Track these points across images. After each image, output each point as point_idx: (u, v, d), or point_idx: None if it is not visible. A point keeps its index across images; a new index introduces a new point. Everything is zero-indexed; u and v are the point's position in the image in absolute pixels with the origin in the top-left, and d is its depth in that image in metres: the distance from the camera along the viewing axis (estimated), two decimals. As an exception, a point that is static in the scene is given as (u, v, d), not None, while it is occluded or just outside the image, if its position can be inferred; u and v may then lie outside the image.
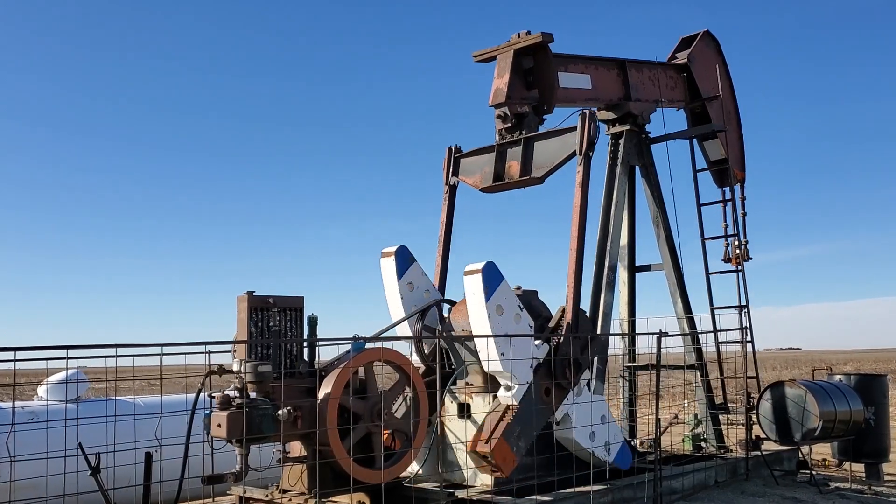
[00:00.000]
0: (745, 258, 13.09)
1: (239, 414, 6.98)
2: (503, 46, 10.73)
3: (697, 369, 12.35)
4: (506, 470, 8.49)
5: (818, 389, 11.71)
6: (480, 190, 10.96)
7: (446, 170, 11.31)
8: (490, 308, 8.50)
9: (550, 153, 10.15)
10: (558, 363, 9.05)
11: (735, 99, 14.17)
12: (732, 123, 14.00)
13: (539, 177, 10.24)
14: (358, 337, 7.83)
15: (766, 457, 11.84)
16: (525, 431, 8.70)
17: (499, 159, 10.64)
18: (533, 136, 10.38)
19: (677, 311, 12.58)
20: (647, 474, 9.68)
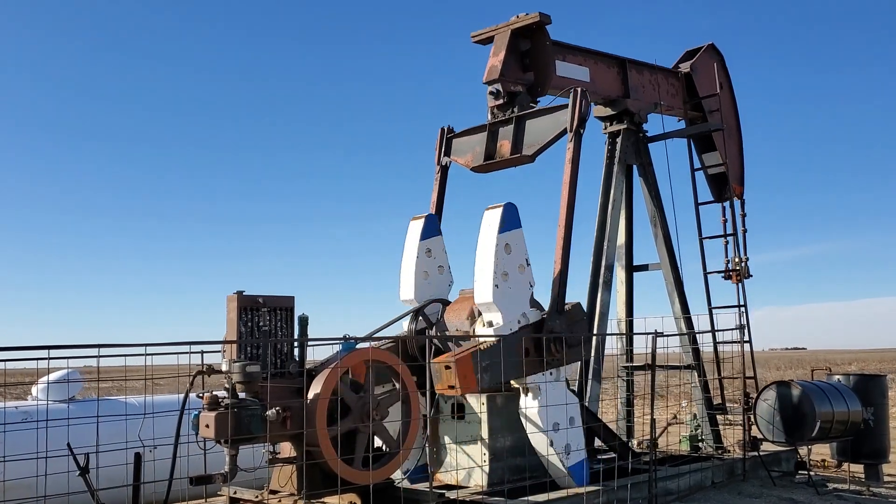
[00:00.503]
0: (746, 275, 12.91)
1: (227, 414, 6.94)
2: (501, 27, 10.72)
3: (695, 369, 12.27)
4: (463, 387, 8.27)
5: (815, 390, 11.64)
6: (472, 169, 10.94)
7: (438, 150, 11.28)
8: (500, 242, 8.69)
9: (541, 131, 10.12)
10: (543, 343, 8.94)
11: (737, 114, 14.10)
12: (734, 138, 13.91)
13: (530, 155, 10.21)
14: (348, 337, 7.78)
15: (765, 458, 11.78)
16: (492, 368, 8.47)
17: (490, 139, 10.62)
18: (524, 114, 10.35)
19: (675, 310, 12.50)
20: (641, 475, 9.63)
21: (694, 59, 13.37)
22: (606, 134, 12.51)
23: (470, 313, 9.62)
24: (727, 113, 13.79)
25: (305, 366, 7.98)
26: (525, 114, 10.35)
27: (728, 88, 13.97)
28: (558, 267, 9.47)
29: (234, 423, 6.94)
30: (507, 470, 9.35)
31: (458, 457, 9.52)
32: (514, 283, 8.91)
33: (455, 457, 9.55)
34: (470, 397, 9.41)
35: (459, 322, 9.71)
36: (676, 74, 13.20)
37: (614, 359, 13.16)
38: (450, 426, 9.65)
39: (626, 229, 13.09)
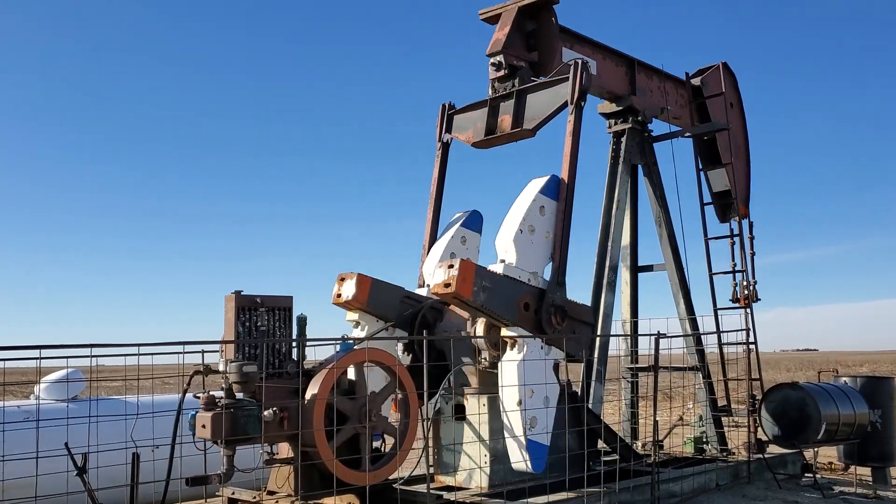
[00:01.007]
0: (754, 299, 12.70)
1: (224, 415, 6.90)
2: (508, 4, 10.68)
3: (699, 371, 12.18)
4: (458, 288, 8.21)
5: (821, 392, 11.52)
6: (472, 145, 10.86)
7: (439, 127, 11.21)
8: (538, 200, 9.03)
9: (542, 105, 10.05)
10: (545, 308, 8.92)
11: (746, 135, 14.00)
12: (741, 158, 13.81)
13: (531, 129, 10.14)
14: (346, 337, 7.74)
15: (771, 460, 11.67)
16: (492, 291, 8.48)
17: (491, 114, 10.54)
18: (525, 88, 10.27)
19: (679, 311, 12.42)
20: (644, 477, 9.55)
21: (705, 74, 13.27)
22: (611, 133, 12.43)
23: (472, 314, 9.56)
24: (736, 132, 13.68)
25: (304, 366, 7.96)
26: (525, 88, 10.27)
27: (739, 108, 13.88)
28: (559, 240, 9.39)
29: (231, 423, 6.90)
30: (509, 472, 9.29)
31: (460, 458, 9.47)
32: (537, 242, 9.08)
33: (456, 458, 9.50)
34: (471, 398, 9.36)
35: (461, 322, 9.65)
36: (686, 86, 13.08)
37: (618, 360, 13.09)
38: (450, 427, 9.60)
39: (631, 230, 13.02)
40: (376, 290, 9.31)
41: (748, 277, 12.69)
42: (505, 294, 8.68)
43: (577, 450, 9.42)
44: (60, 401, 10.90)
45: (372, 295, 9.26)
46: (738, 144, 13.62)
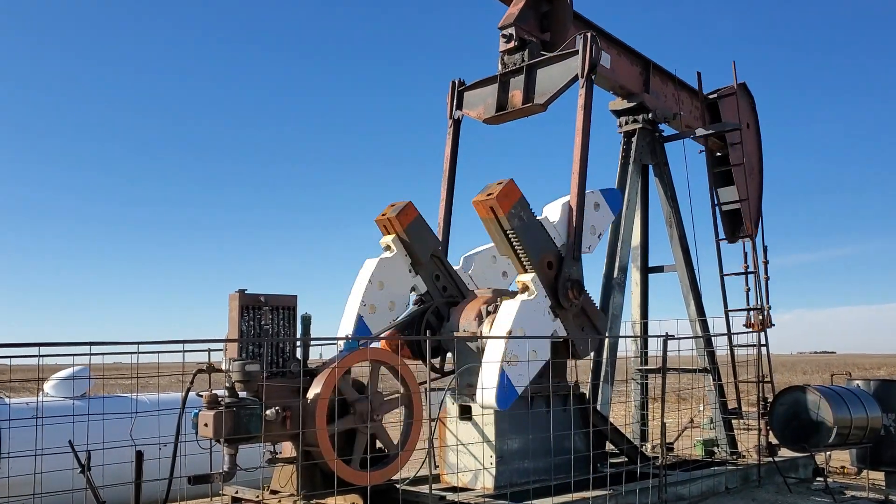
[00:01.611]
0: (768, 325, 12.54)
1: (226, 413, 6.89)
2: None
3: (710, 373, 12.07)
4: (499, 201, 8.60)
5: (833, 395, 11.38)
6: (484, 121, 10.84)
7: (450, 104, 11.18)
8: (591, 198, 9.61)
9: (552, 79, 10.02)
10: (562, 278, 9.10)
11: (761, 157, 13.89)
12: (755, 180, 13.70)
13: (542, 103, 10.13)
14: (350, 337, 7.71)
15: (782, 464, 11.55)
16: (526, 225, 8.89)
17: (501, 89, 10.53)
18: (535, 62, 10.23)
19: (690, 313, 12.31)
20: (652, 479, 9.46)
21: (722, 90, 13.15)
22: (621, 133, 12.33)
23: (478, 314, 9.52)
24: (751, 153, 13.58)
25: (307, 365, 7.93)
26: (535, 62, 10.23)
27: (755, 130, 13.81)
28: (574, 214, 9.45)
29: (233, 422, 6.89)
30: (515, 473, 9.24)
31: (466, 459, 9.42)
32: (588, 222, 9.58)
33: (462, 458, 9.46)
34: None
35: (467, 323, 9.60)
36: (702, 97, 12.95)
37: (629, 361, 13.00)
38: (456, 427, 9.55)
39: (642, 230, 12.92)
40: (418, 224, 9.80)
41: (762, 303, 12.49)
42: (535, 238, 8.98)
43: (583, 451, 9.37)
44: (68, 398, 10.95)
45: (412, 226, 9.73)
46: (751, 165, 13.50)
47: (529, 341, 8.69)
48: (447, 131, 11.17)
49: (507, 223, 8.69)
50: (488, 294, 9.79)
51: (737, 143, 12.89)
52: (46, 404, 10.42)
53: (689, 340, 12.00)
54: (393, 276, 9.74)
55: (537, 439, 9.17)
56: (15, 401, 10.81)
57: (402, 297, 9.92)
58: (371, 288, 9.49)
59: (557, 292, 9.06)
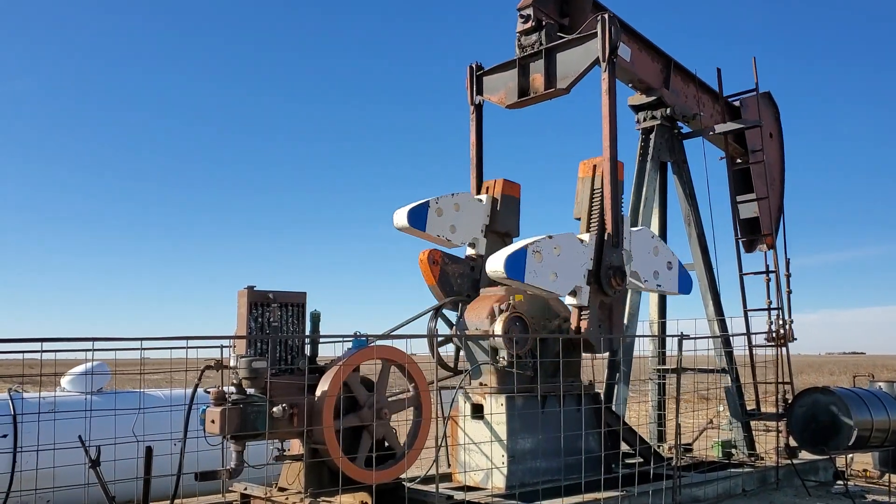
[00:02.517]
0: (790, 339, 12.31)
1: (232, 410, 6.88)
2: None
3: (728, 373, 11.90)
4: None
5: (853, 397, 11.19)
6: (507, 107, 10.75)
7: (470, 89, 11.07)
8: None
9: (573, 62, 9.94)
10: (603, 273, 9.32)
11: (783, 168, 13.68)
12: (775, 190, 13.50)
13: (565, 87, 10.05)
14: (359, 334, 7.66)
15: (801, 466, 11.38)
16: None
17: (522, 73, 10.44)
18: (553, 45, 10.14)
19: (708, 312, 12.15)
20: (666, 481, 9.35)
21: (746, 97, 12.97)
22: (639, 130, 12.20)
23: (490, 312, 9.44)
24: (773, 163, 13.38)
25: (317, 363, 7.91)
26: (554, 45, 10.13)
27: (777, 140, 13.61)
28: (609, 203, 9.43)
29: (240, 419, 6.87)
30: (527, 473, 9.17)
31: (478, 458, 9.37)
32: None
33: (474, 458, 9.41)
34: (490, 397, 9.25)
35: (479, 321, 9.53)
36: (723, 101, 12.76)
37: (646, 361, 12.86)
38: (468, 426, 9.50)
39: (660, 228, 12.77)
40: (512, 201, 10.63)
41: (784, 316, 12.25)
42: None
43: (597, 452, 9.27)
44: (86, 393, 11.04)
45: (507, 197, 10.58)
46: (772, 175, 13.30)
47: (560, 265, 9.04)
48: (469, 117, 11.08)
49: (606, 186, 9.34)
50: (501, 292, 9.72)
51: (758, 150, 12.70)
52: (61, 399, 10.52)
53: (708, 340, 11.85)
54: (470, 214, 10.44)
55: (550, 439, 9.10)
56: (32, 395, 10.90)
57: (463, 235, 10.43)
58: (449, 199, 10.18)
59: (600, 279, 9.22)
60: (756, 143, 12.75)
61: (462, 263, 10.36)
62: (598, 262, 9.30)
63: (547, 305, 9.90)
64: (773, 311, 12.18)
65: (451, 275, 10.23)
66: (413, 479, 9.60)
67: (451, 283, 10.16)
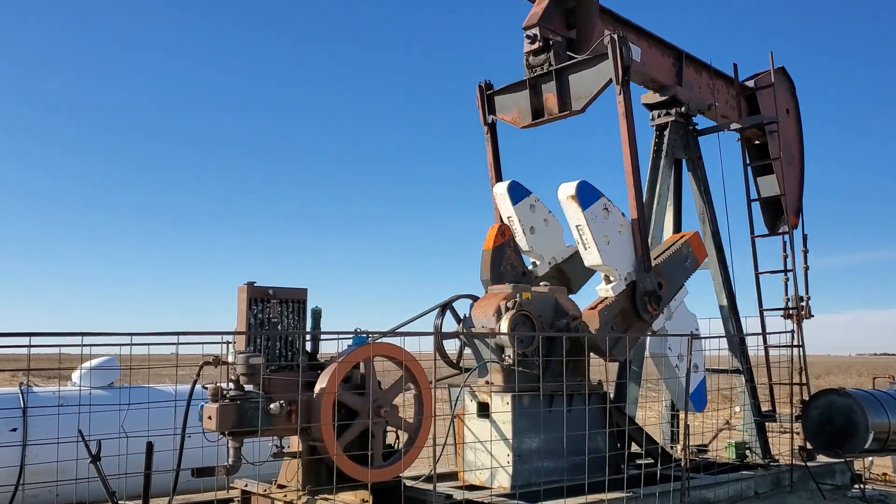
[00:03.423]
0: (807, 316, 12.31)
1: (229, 406, 6.85)
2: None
3: (742, 374, 11.69)
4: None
5: (870, 399, 10.94)
6: (521, 127, 10.67)
7: (482, 108, 10.98)
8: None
9: (586, 83, 9.82)
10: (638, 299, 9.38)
11: (802, 143, 13.43)
12: (795, 168, 13.29)
13: (580, 108, 9.95)
14: (359, 331, 7.60)
15: (818, 469, 11.17)
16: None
17: (533, 93, 10.33)
18: (564, 66, 10.00)
19: (723, 312, 11.94)
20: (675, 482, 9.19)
21: (759, 77, 12.74)
22: (653, 126, 12.02)
23: (497, 310, 9.34)
24: (791, 141, 13.15)
25: (318, 359, 7.86)
26: (564, 66, 10.00)
27: (794, 116, 13.35)
28: (637, 227, 9.43)
29: (236, 415, 6.84)
30: (534, 473, 9.06)
31: (484, 457, 9.28)
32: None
33: (480, 457, 9.32)
34: (496, 395, 9.16)
35: (486, 319, 9.43)
36: (738, 86, 12.56)
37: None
38: (474, 425, 9.41)
39: (675, 226, 12.58)
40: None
41: (801, 292, 12.22)
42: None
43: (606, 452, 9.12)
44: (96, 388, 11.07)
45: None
46: (791, 153, 13.07)
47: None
48: (484, 137, 11.01)
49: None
50: (508, 290, 9.61)
51: (775, 132, 12.49)
52: (71, 393, 10.55)
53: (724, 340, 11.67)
54: (553, 236, 10.69)
55: (557, 439, 8.99)
56: (42, 389, 10.96)
57: (537, 246, 10.61)
58: (545, 210, 10.67)
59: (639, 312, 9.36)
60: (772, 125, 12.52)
61: (520, 261, 10.43)
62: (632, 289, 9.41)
63: (556, 303, 9.78)
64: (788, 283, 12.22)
65: (506, 258, 10.29)
66: (417, 477, 9.55)
67: (500, 263, 10.23)
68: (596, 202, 9.18)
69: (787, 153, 12.86)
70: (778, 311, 12.06)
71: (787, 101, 13.16)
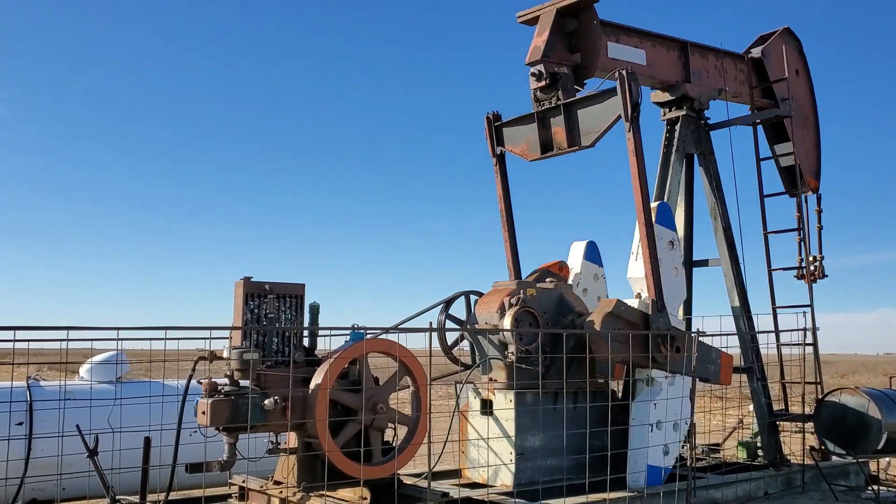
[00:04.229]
0: (820, 275, 12.20)
1: (223, 402, 6.82)
2: (546, 5, 10.20)
3: (754, 372, 11.48)
4: None
5: (883, 398, 10.69)
6: (530, 160, 10.53)
7: (490, 140, 10.85)
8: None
9: (595, 119, 9.63)
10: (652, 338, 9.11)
11: (814, 104, 13.15)
12: (810, 129, 13.01)
13: (589, 143, 9.78)
14: (357, 327, 7.54)
15: (830, 470, 10.97)
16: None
17: (542, 126, 10.17)
18: (572, 101, 9.84)
19: (734, 309, 11.74)
20: (676, 482, 9.05)
21: (766, 43, 12.51)
22: (665, 121, 11.84)
23: (500, 306, 9.25)
24: (803, 102, 12.87)
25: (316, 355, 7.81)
26: (573, 101, 9.84)
27: (805, 76, 13.03)
28: (649, 267, 9.17)
29: (230, 410, 6.81)
30: (537, 471, 8.96)
31: (487, 455, 9.19)
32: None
33: (483, 454, 9.24)
34: (499, 393, 9.06)
35: (489, 315, 9.34)
36: (745, 59, 12.37)
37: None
38: (477, 422, 9.33)
39: (686, 222, 12.39)
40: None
41: (814, 253, 12.18)
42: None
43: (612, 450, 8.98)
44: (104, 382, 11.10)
45: None
46: (804, 114, 12.81)
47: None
48: (493, 169, 10.88)
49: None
50: (512, 286, 9.51)
51: (786, 99, 12.26)
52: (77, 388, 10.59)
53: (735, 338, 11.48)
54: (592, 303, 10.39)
55: (560, 437, 8.86)
56: (48, 384, 11.01)
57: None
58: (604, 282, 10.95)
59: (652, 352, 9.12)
60: (783, 92, 12.28)
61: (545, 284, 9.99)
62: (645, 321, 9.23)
63: (561, 299, 9.67)
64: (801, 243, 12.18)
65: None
66: (420, 474, 9.48)
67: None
68: (671, 229, 9.81)
69: (800, 115, 12.55)
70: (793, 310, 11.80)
71: (796, 61, 12.87)
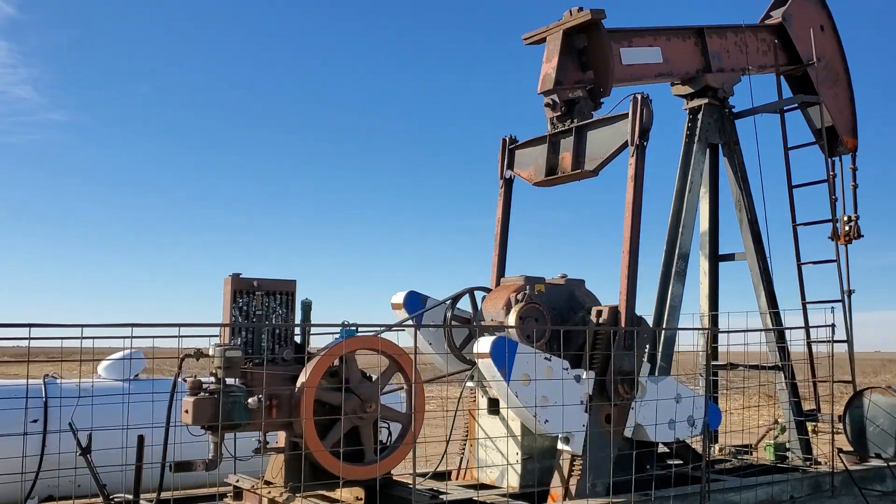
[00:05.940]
0: (856, 235, 11.91)
1: (206, 400, 6.72)
2: (552, 27, 9.83)
3: (782, 370, 11.02)
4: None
5: (917, 399, 10.16)
6: (534, 184, 10.20)
7: (501, 162, 10.53)
8: (513, 387, 7.72)
9: (603, 143, 9.22)
10: (612, 383, 8.30)
11: (844, 58, 12.58)
12: (842, 86, 12.52)
13: (592, 169, 9.34)
14: (347, 324, 7.37)
15: (863, 473, 10.44)
16: (600, 474, 8.16)
17: (552, 150, 9.81)
18: (585, 124, 9.47)
19: (760, 305, 11.29)
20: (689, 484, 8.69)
21: (786, 5, 11.99)
22: (686, 110, 11.43)
23: (507, 303, 9.01)
24: (832, 58, 12.34)
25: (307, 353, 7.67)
26: (585, 124, 9.47)
27: (831, 30, 12.44)
28: (623, 300, 8.59)
29: (213, 409, 6.70)
30: (545, 472, 8.70)
31: (494, 455, 8.97)
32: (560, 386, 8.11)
33: (490, 455, 9.02)
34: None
35: (496, 312, 9.11)
36: (766, 28, 11.88)
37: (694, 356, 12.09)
38: (484, 421, 9.11)
39: (711, 215, 11.98)
40: None
41: (849, 213, 11.98)
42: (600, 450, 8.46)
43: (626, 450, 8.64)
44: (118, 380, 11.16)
45: None
46: (835, 71, 12.28)
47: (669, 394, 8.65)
48: (498, 191, 10.55)
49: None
50: (520, 281, 9.26)
51: (812, 63, 11.75)
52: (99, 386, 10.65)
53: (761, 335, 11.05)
54: None
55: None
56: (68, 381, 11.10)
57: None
58: None
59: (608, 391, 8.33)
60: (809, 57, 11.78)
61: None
62: (603, 367, 8.39)
63: (572, 296, 9.38)
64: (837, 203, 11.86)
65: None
66: (425, 474, 9.32)
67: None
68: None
69: (830, 72, 12.08)
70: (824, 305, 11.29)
71: (819, 17, 12.32)
